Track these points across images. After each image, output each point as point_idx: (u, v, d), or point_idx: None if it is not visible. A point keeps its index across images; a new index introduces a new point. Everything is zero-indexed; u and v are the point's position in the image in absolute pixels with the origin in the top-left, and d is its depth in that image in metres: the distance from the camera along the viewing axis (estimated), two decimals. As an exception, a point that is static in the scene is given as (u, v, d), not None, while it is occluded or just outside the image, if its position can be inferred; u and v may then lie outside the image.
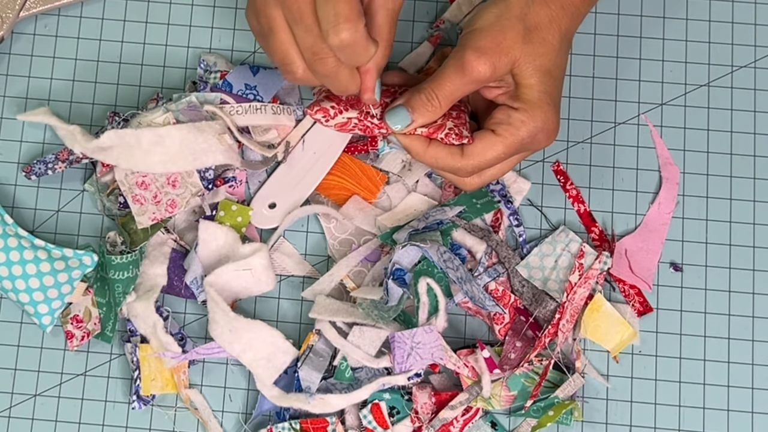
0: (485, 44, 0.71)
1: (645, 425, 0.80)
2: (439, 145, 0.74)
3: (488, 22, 0.72)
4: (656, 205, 0.82)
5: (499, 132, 0.73)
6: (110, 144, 0.78)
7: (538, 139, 0.74)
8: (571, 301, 0.79)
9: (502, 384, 0.79)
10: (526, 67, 0.72)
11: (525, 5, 0.72)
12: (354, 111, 0.75)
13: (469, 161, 0.74)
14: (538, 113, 0.73)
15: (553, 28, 0.73)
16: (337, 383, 0.78)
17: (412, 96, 0.73)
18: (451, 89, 0.72)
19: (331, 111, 0.75)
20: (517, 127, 0.73)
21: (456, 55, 0.72)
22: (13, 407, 0.81)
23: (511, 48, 0.71)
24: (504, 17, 0.72)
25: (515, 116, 0.73)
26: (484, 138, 0.74)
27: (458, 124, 0.75)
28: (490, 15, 0.72)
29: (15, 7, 0.84)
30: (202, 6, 0.86)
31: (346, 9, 0.67)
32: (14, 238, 0.79)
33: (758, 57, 0.84)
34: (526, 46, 0.72)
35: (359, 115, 0.75)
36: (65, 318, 0.81)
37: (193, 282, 0.79)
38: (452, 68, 0.72)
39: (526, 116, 0.73)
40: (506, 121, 0.73)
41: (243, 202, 0.82)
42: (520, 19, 0.72)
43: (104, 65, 0.85)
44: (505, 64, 0.72)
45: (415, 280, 0.77)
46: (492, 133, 0.74)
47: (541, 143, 0.74)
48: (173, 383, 0.80)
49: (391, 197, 0.82)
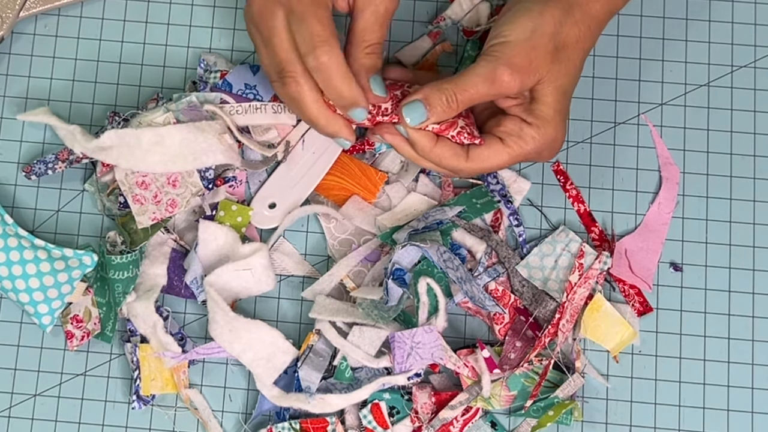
0: (519, 61, 0.71)
1: (645, 425, 0.80)
2: (446, 145, 0.74)
3: (522, 36, 0.71)
4: (656, 205, 0.82)
5: (508, 143, 0.74)
6: (110, 144, 0.78)
7: (543, 154, 0.75)
8: (571, 301, 0.79)
9: (502, 384, 0.79)
10: (548, 85, 0.73)
11: (558, 23, 0.72)
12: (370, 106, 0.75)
13: (473, 165, 0.74)
14: (550, 130, 0.73)
15: (578, 48, 0.73)
16: (337, 383, 0.78)
17: (432, 93, 0.72)
18: (473, 95, 0.72)
19: None
20: (526, 141, 0.73)
21: (486, 64, 0.71)
22: (13, 407, 0.81)
23: (541, 66, 0.72)
24: (538, 33, 0.71)
25: (527, 131, 0.73)
26: (492, 145, 0.74)
27: (469, 124, 0.75)
28: (524, 28, 0.72)
29: (15, 7, 0.84)
30: (202, 6, 0.86)
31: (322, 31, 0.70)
32: (14, 238, 0.79)
33: (758, 57, 0.84)
34: (553, 66, 0.72)
35: (373, 109, 0.75)
36: (65, 318, 0.81)
37: (193, 282, 0.79)
38: (480, 78, 0.71)
39: (538, 132, 0.73)
40: (516, 134, 0.73)
41: (243, 202, 0.82)
42: (552, 38, 0.72)
43: (104, 65, 0.85)
44: (533, 81, 0.72)
45: (415, 280, 0.77)
46: (500, 141, 0.74)
47: (543, 157, 0.75)
48: (173, 383, 0.80)
49: (391, 197, 0.82)
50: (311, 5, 0.72)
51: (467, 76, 0.72)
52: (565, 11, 0.72)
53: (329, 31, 0.71)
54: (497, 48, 0.72)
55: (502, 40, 0.72)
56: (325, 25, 0.71)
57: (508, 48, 0.71)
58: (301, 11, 0.71)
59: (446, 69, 0.84)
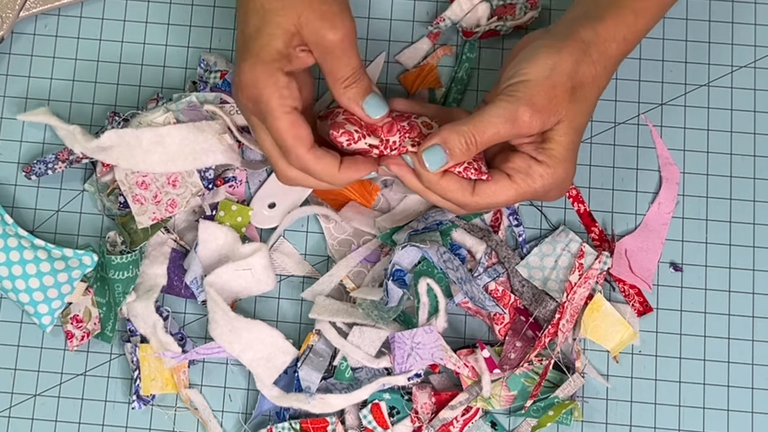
0: (540, 101, 0.70)
1: (645, 425, 0.80)
2: (453, 178, 0.72)
3: (542, 75, 0.70)
4: (656, 205, 0.82)
5: (516, 180, 0.72)
6: (110, 144, 0.78)
7: (550, 193, 0.73)
8: (571, 301, 0.79)
9: (502, 384, 0.79)
10: (564, 125, 0.71)
11: (575, 62, 0.71)
12: (376, 139, 0.74)
13: (479, 200, 0.73)
14: (560, 170, 0.72)
15: (594, 87, 0.72)
16: (337, 383, 0.78)
17: (450, 136, 0.70)
18: (493, 137, 0.70)
19: (355, 135, 0.73)
20: (534, 179, 0.72)
21: (507, 105, 0.70)
22: (13, 407, 0.81)
23: (560, 106, 0.71)
24: (557, 71, 0.70)
25: (536, 169, 0.72)
26: (499, 181, 0.72)
27: (477, 159, 0.73)
28: (543, 67, 0.70)
29: (15, 7, 0.84)
30: (202, 6, 0.86)
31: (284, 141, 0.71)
32: (14, 238, 0.79)
33: (758, 57, 0.84)
34: (570, 105, 0.71)
35: (380, 144, 0.74)
36: (65, 318, 0.81)
37: (193, 282, 0.79)
38: (500, 119, 0.70)
39: (546, 171, 0.72)
40: (525, 171, 0.72)
41: (243, 202, 0.82)
42: (570, 77, 0.71)
43: (104, 65, 0.85)
44: (553, 122, 0.71)
45: (415, 281, 0.77)
46: (507, 177, 0.72)
47: (551, 196, 0.74)
48: (173, 383, 0.80)
49: (389, 200, 0.82)
50: (272, 113, 0.71)
51: (486, 117, 0.70)
52: (583, 51, 0.71)
53: (293, 134, 0.71)
54: (517, 87, 0.70)
55: (522, 78, 0.71)
56: (289, 126, 0.71)
57: (527, 87, 0.70)
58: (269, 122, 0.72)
59: (446, 69, 0.84)
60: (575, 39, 0.71)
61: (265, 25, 0.71)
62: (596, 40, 0.71)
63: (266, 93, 0.71)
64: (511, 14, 0.83)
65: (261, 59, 0.71)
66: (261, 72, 0.71)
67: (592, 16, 0.72)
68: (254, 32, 0.71)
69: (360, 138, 0.73)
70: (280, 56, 0.71)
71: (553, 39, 0.72)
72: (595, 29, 0.72)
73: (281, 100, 0.71)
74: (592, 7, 0.73)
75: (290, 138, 0.71)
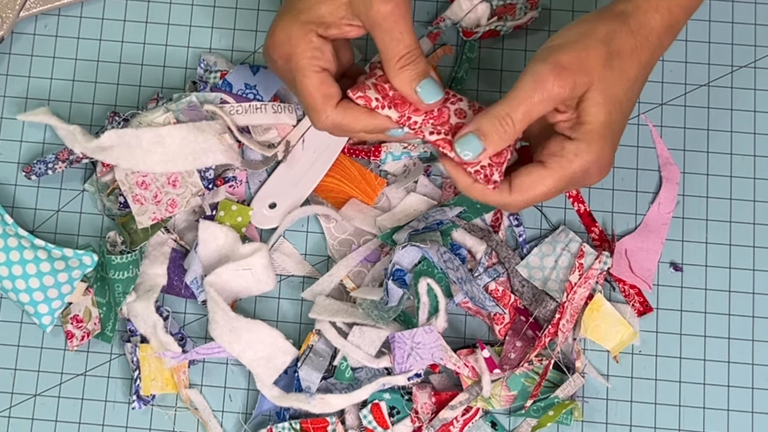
0: (567, 60, 0.67)
1: (645, 425, 0.80)
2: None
3: (571, 39, 0.68)
4: (656, 205, 0.82)
5: (550, 165, 0.69)
6: (110, 144, 0.78)
7: (590, 173, 0.70)
8: (571, 301, 0.79)
9: (502, 384, 0.79)
10: (598, 93, 0.68)
11: (611, 30, 0.68)
12: (395, 112, 0.71)
13: (518, 197, 0.70)
14: (595, 146, 0.68)
15: (634, 58, 0.69)
16: (337, 383, 0.78)
17: (483, 121, 0.68)
18: (527, 109, 0.67)
19: (374, 103, 0.71)
20: (569, 160, 0.69)
21: (533, 70, 0.67)
22: (13, 407, 0.81)
23: (592, 69, 0.67)
24: (588, 36, 0.68)
25: (569, 148, 0.68)
26: (533, 172, 0.69)
27: (494, 164, 0.70)
28: (572, 32, 0.68)
29: (15, 7, 0.84)
30: (202, 6, 0.86)
31: (312, 100, 0.70)
32: (14, 238, 0.79)
33: (758, 57, 0.84)
34: (605, 71, 0.67)
35: (399, 118, 0.71)
36: (65, 318, 0.81)
37: (193, 282, 0.79)
38: (529, 85, 0.67)
39: (581, 148, 0.68)
40: (558, 153, 0.69)
41: (243, 202, 0.82)
42: (605, 43, 0.68)
43: (104, 65, 0.85)
44: (584, 84, 0.67)
45: (416, 281, 0.77)
46: (541, 165, 0.69)
47: (593, 178, 0.70)
48: (173, 383, 0.80)
49: (390, 198, 0.82)
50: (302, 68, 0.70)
51: (515, 89, 0.67)
52: (621, 20, 0.69)
53: (322, 92, 0.70)
54: (543, 53, 0.68)
55: (549, 44, 0.68)
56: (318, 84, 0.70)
57: (554, 50, 0.67)
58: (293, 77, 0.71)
59: (446, 69, 0.84)
60: (611, 10, 0.69)
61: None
62: (635, 11, 0.69)
63: (298, 51, 0.70)
64: (511, 14, 0.83)
65: (299, 19, 0.70)
66: (296, 30, 0.70)
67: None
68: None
69: (378, 108, 0.71)
70: (319, 21, 0.70)
71: (588, 14, 0.70)
72: (635, 3, 0.69)
73: (312, 60, 0.70)
74: None
75: (319, 96, 0.70)
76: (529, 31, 0.84)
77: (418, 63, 0.70)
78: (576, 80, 0.67)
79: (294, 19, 0.70)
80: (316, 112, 0.71)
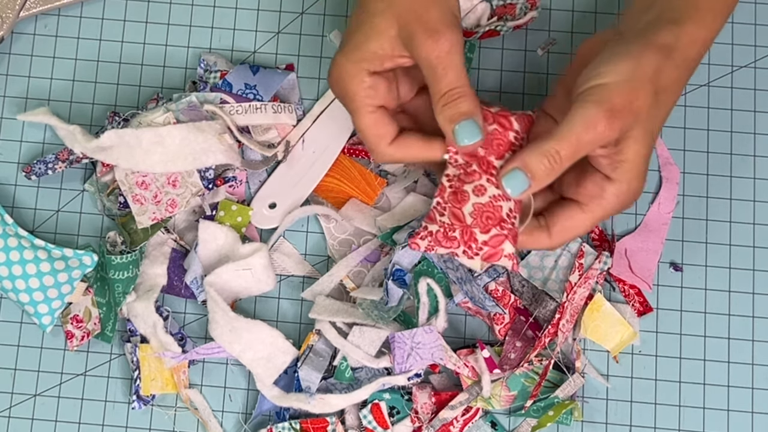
0: (619, 103, 0.66)
1: (645, 425, 0.80)
2: (523, 233, 0.70)
3: (621, 79, 0.66)
4: (656, 205, 0.82)
5: (590, 208, 0.69)
6: (110, 144, 0.78)
7: (625, 205, 0.70)
8: (571, 301, 0.79)
9: (502, 384, 0.79)
10: (641, 130, 0.67)
11: (658, 66, 0.67)
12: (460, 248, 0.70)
13: (558, 240, 0.70)
14: (635, 184, 0.69)
15: (676, 91, 0.69)
16: (337, 383, 0.78)
17: (530, 158, 0.67)
18: (575, 149, 0.66)
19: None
20: (609, 201, 0.69)
21: (585, 112, 0.66)
22: (13, 407, 0.81)
23: (641, 110, 0.67)
24: (637, 75, 0.66)
25: (610, 190, 0.69)
26: (574, 216, 0.69)
27: (506, 218, 0.69)
28: (622, 71, 0.66)
29: (15, 7, 0.84)
30: (202, 6, 0.86)
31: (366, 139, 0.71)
32: (14, 238, 0.79)
33: (758, 57, 0.84)
34: (651, 110, 0.67)
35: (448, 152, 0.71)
36: (65, 318, 0.81)
37: (193, 282, 0.79)
38: (579, 124, 0.66)
39: (622, 189, 0.69)
40: (599, 195, 0.69)
41: (243, 202, 0.82)
42: (653, 82, 0.67)
43: (104, 65, 0.85)
44: (631, 124, 0.67)
45: (415, 281, 0.77)
46: (580, 209, 0.69)
47: (623, 210, 0.71)
48: (173, 383, 0.80)
49: (390, 198, 0.82)
50: (356, 108, 0.70)
51: (565, 127, 0.66)
52: (666, 54, 0.68)
53: (374, 132, 0.70)
54: (594, 91, 0.66)
55: (599, 81, 0.67)
56: (372, 124, 0.70)
57: (606, 90, 0.66)
58: (349, 112, 0.71)
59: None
60: (656, 44, 0.68)
61: (364, 24, 0.70)
62: (678, 44, 0.68)
63: (351, 90, 0.70)
64: (511, 14, 0.83)
65: (350, 58, 0.70)
66: (348, 70, 0.70)
67: (670, 19, 0.69)
68: (355, 27, 0.70)
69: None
70: (372, 57, 0.70)
71: (630, 44, 0.68)
72: (676, 33, 0.68)
73: (366, 99, 0.70)
74: (667, 11, 0.70)
75: (372, 136, 0.70)
76: (529, 31, 0.84)
77: (461, 102, 0.68)
78: (625, 123, 0.67)
79: (346, 57, 0.70)
80: (371, 149, 0.71)
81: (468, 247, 0.69)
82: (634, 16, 0.71)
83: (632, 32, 0.70)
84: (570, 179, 0.71)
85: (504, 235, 0.69)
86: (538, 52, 0.84)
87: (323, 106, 0.83)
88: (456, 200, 0.70)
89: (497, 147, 0.70)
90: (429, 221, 0.70)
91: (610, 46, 0.69)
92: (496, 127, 0.70)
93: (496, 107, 0.71)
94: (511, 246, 0.69)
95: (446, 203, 0.70)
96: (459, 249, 0.70)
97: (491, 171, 0.69)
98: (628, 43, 0.69)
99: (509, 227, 0.69)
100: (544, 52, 0.84)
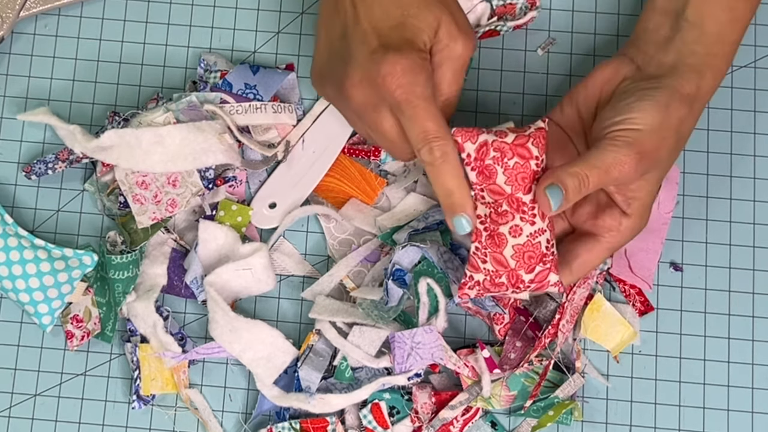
0: (649, 149, 0.70)
1: (645, 425, 0.80)
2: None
3: (652, 126, 0.70)
4: (656, 205, 0.82)
5: (607, 240, 0.74)
6: (110, 144, 0.78)
7: (632, 238, 0.75)
8: (571, 301, 0.79)
9: (502, 384, 0.79)
10: (656, 174, 0.73)
11: (682, 117, 0.72)
12: (475, 177, 0.71)
13: (578, 275, 0.74)
14: (645, 218, 0.74)
15: (689, 135, 0.74)
16: (337, 383, 0.78)
17: (564, 175, 0.70)
18: (602, 180, 0.70)
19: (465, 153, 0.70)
20: (623, 234, 0.74)
21: (617, 150, 0.70)
22: (13, 407, 0.81)
23: (663, 156, 0.72)
24: (665, 125, 0.71)
25: (626, 224, 0.73)
26: (591, 249, 0.74)
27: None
28: (652, 121, 0.71)
29: (15, 7, 0.84)
30: (202, 6, 0.86)
31: (434, 127, 0.69)
32: (14, 238, 0.79)
33: (758, 57, 0.84)
34: (669, 155, 0.72)
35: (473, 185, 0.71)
36: (65, 318, 0.81)
37: (193, 282, 0.79)
38: (609, 159, 0.70)
39: (636, 224, 0.73)
40: (615, 228, 0.73)
41: (243, 201, 0.82)
42: (677, 131, 0.72)
43: (104, 65, 0.85)
44: (650, 170, 0.72)
45: (416, 281, 0.77)
46: (596, 240, 0.74)
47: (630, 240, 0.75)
48: (173, 383, 0.80)
49: (390, 198, 0.82)
50: (422, 101, 0.69)
51: (596, 157, 0.70)
52: (688, 105, 0.72)
53: (442, 128, 0.69)
54: (628, 134, 0.70)
55: (633, 127, 0.70)
56: (436, 121, 0.69)
57: (639, 135, 0.70)
58: (411, 111, 0.69)
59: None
60: (680, 93, 0.72)
61: (410, 17, 0.71)
62: (699, 93, 0.73)
63: (421, 80, 0.69)
64: (511, 14, 0.83)
65: (415, 47, 0.70)
66: (415, 59, 0.70)
67: (692, 67, 0.73)
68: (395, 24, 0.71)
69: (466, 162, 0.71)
70: (425, 48, 0.71)
71: (657, 91, 0.72)
72: (698, 83, 0.72)
73: (432, 89, 0.70)
74: (687, 55, 0.73)
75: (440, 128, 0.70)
76: (529, 31, 0.84)
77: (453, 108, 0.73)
78: (649, 167, 0.71)
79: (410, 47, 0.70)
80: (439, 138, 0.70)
81: (516, 288, 0.72)
82: (650, 52, 0.75)
83: (654, 73, 0.73)
84: (585, 212, 0.74)
85: (548, 269, 0.71)
86: (538, 52, 0.84)
87: (323, 106, 0.83)
88: (494, 244, 0.71)
89: (522, 181, 0.71)
90: (473, 269, 0.72)
91: (636, 90, 0.72)
92: (517, 161, 0.70)
93: (510, 134, 0.71)
94: (555, 276, 0.72)
95: (485, 248, 0.71)
96: (508, 291, 0.72)
97: (522, 209, 0.71)
98: (654, 89, 0.72)
99: (550, 259, 0.71)
100: (544, 52, 0.84)
